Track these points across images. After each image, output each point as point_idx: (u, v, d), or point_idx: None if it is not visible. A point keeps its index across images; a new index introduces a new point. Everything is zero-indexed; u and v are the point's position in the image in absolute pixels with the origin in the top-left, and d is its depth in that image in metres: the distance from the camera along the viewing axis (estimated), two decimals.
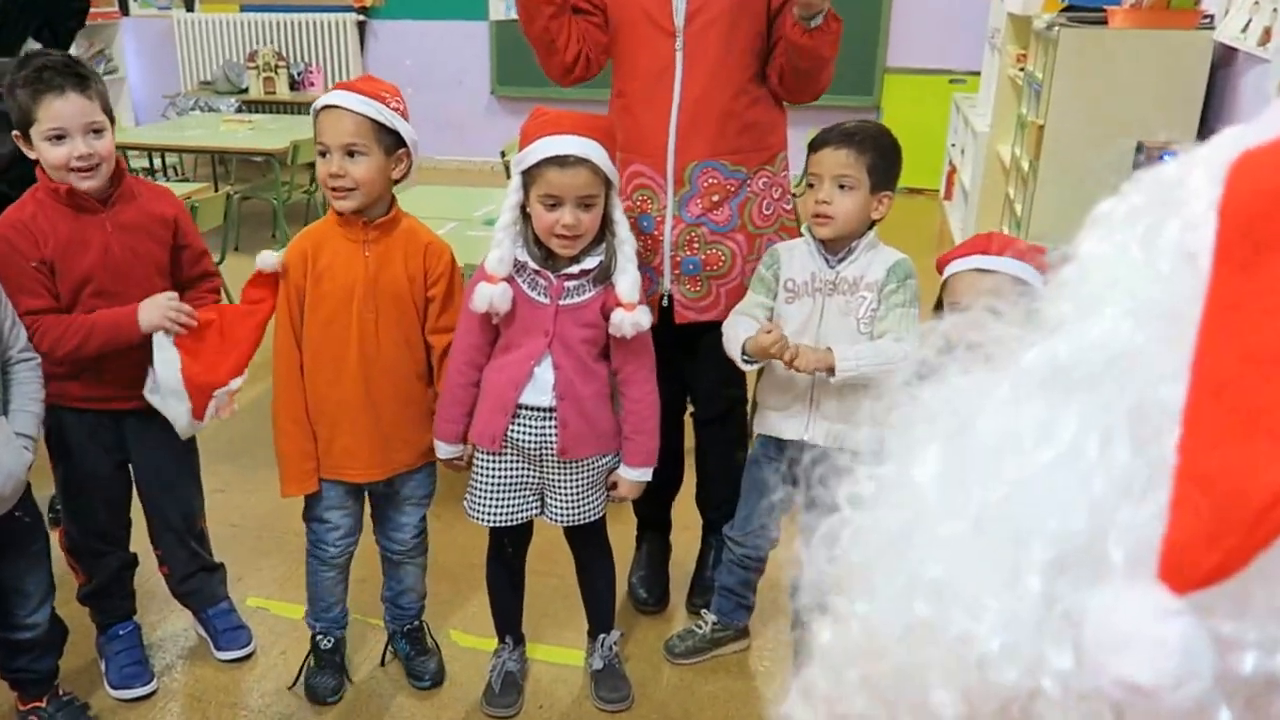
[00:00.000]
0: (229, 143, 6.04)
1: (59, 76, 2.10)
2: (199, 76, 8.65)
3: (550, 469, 2.26)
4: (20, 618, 2.20)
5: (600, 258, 2.15)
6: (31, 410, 2.08)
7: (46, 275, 2.19)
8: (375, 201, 2.21)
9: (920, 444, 0.50)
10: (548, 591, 2.82)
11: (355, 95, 2.14)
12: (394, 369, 2.29)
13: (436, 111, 8.38)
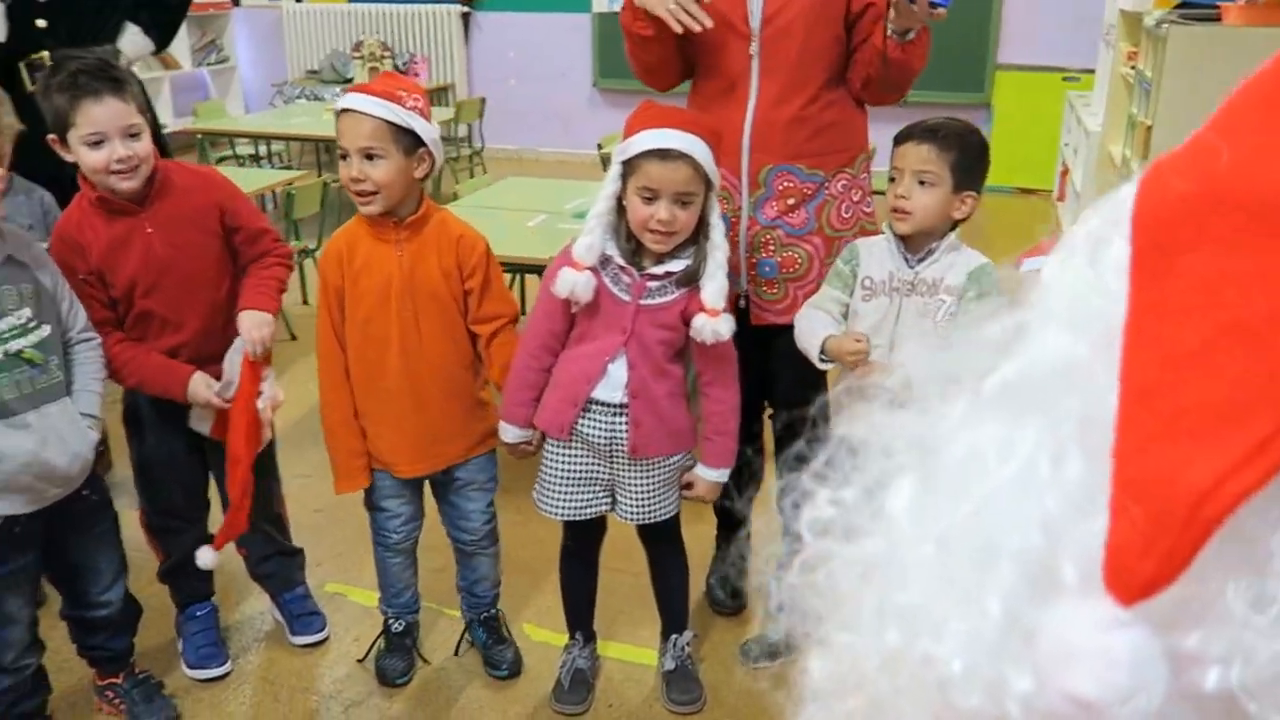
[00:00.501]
0: (331, 131, 6.13)
1: (95, 81, 2.08)
2: (306, 66, 8.84)
3: (620, 466, 2.22)
4: (93, 596, 2.24)
5: (687, 261, 2.10)
6: (94, 390, 2.11)
7: (97, 285, 2.21)
8: (401, 201, 2.19)
9: (895, 473, 0.50)
10: (623, 589, 2.77)
11: (370, 98, 2.11)
12: (438, 363, 2.28)
13: (538, 103, 8.41)
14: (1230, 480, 0.36)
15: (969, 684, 0.43)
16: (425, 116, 2.15)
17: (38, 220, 2.57)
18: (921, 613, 0.46)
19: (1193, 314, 0.38)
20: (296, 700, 2.47)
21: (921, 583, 0.46)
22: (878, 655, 0.48)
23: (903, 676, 0.46)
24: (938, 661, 0.44)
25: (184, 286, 2.26)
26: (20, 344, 1.97)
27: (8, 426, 1.94)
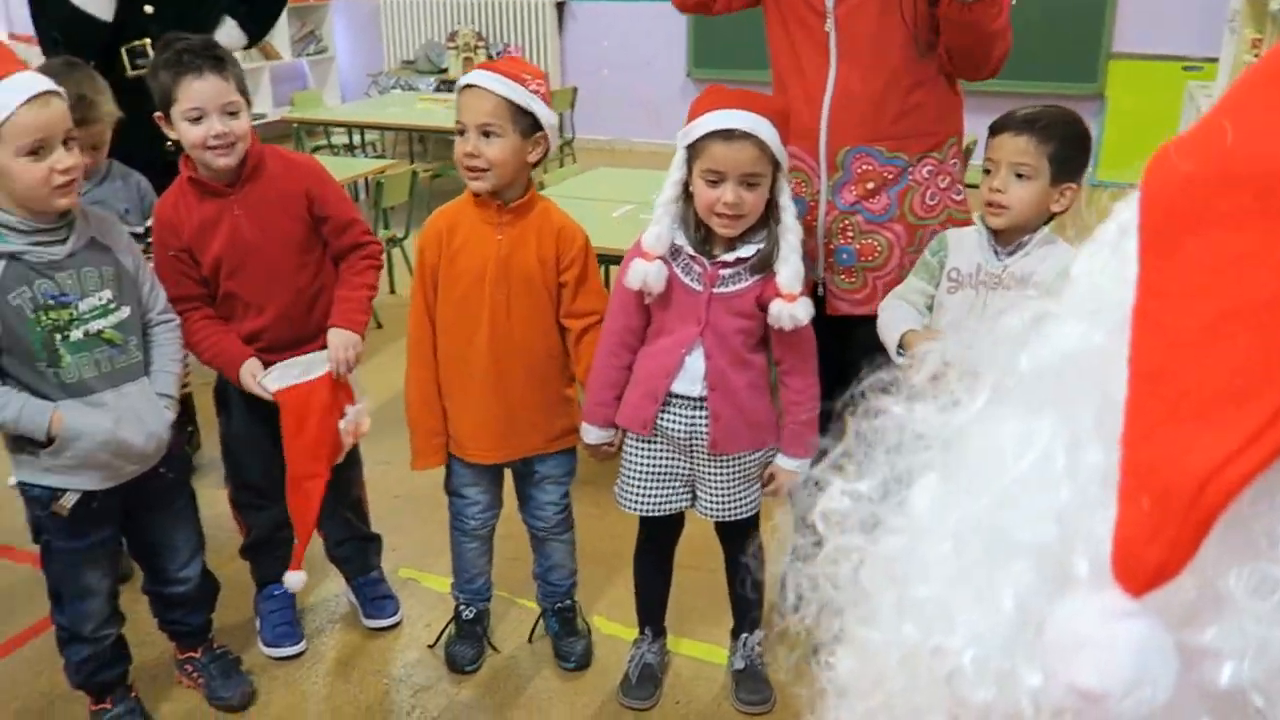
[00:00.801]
0: (423, 121, 6.22)
1: (197, 59, 2.15)
2: (401, 56, 8.96)
3: (701, 461, 2.18)
4: (171, 572, 2.28)
5: (759, 246, 2.05)
6: (171, 371, 2.15)
7: (186, 262, 2.27)
8: (510, 183, 2.19)
9: (918, 467, 0.51)
10: (696, 586, 2.74)
11: (495, 76, 2.12)
12: (525, 351, 2.27)
13: (631, 93, 8.39)
14: (1232, 464, 0.35)
15: (980, 677, 0.43)
16: (546, 101, 2.16)
17: (134, 204, 2.65)
18: (937, 607, 0.46)
19: (1197, 296, 0.38)
20: (367, 682, 2.50)
21: (939, 577, 0.46)
22: (897, 651, 0.48)
23: (920, 672, 0.46)
24: (949, 654, 0.44)
25: (267, 270, 2.29)
26: (101, 324, 2.01)
27: (86, 405, 1.99)
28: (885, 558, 0.51)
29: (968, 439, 0.49)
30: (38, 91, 1.85)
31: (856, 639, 0.52)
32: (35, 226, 1.93)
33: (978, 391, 0.50)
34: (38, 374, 1.96)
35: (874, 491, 0.53)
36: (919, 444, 0.52)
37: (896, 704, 0.48)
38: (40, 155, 1.86)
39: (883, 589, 0.50)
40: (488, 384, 2.27)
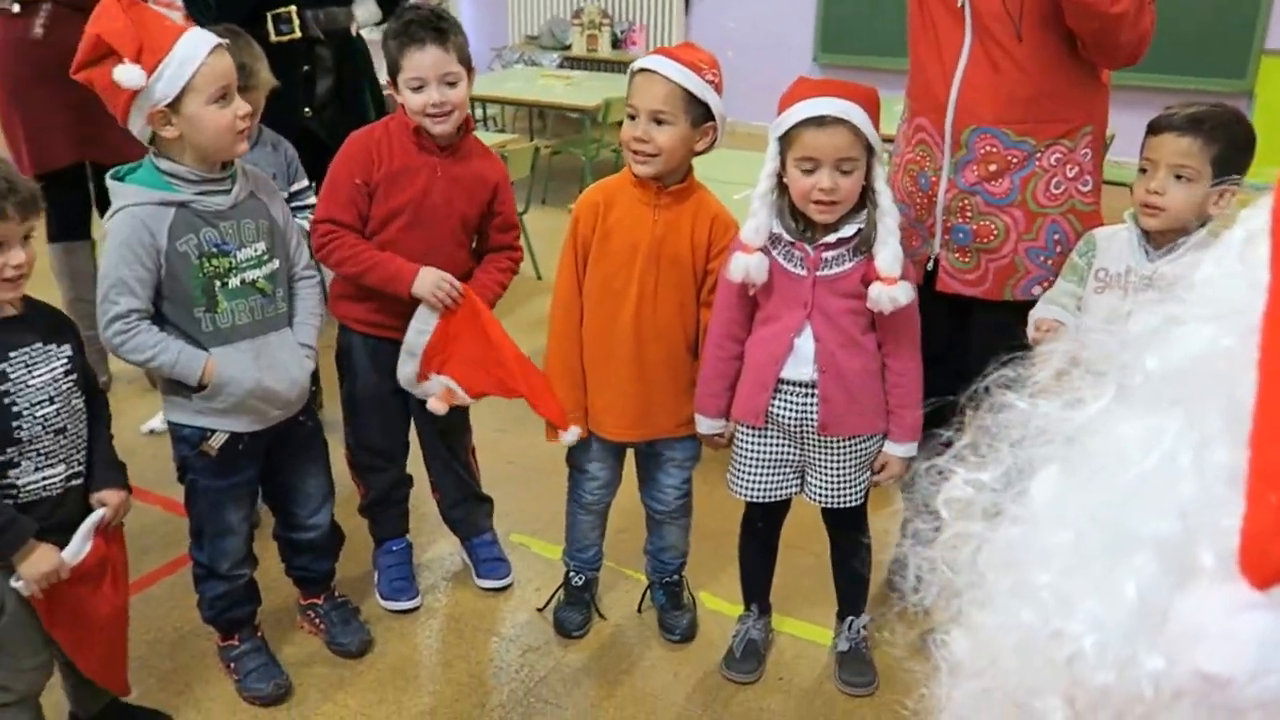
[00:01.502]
0: (545, 97, 6.29)
1: (422, 30, 2.26)
2: (525, 31, 9.06)
3: (811, 446, 2.19)
4: (302, 518, 2.39)
5: (860, 225, 2.05)
6: (312, 324, 2.25)
7: (363, 196, 2.35)
8: (674, 169, 2.21)
9: (1040, 461, 0.52)
10: (802, 567, 2.75)
11: (672, 62, 2.14)
12: (666, 334, 2.29)
13: (755, 76, 8.30)
14: None
15: (1100, 661, 0.45)
16: (719, 92, 2.17)
17: (281, 170, 2.76)
18: (1056, 593, 0.47)
19: None
20: (478, 639, 2.57)
21: (1058, 566, 0.48)
22: (1013, 635, 0.49)
23: (1035, 656, 0.48)
24: (1069, 638, 0.46)
25: (434, 236, 2.37)
26: (255, 274, 2.12)
27: (236, 351, 2.09)
28: (1004, 545, 0.52)
29: (1090, 435, 0.50)
30: (216, 43, 1.98)
31: (972, 622, 0.53)
32: (203, 177, 2.04)
33: (1102, 390, 0.51)
34: (193, 319, 2.06)
35: (996, 481, 0.55)
36: (1041, 438, 0.53)
37: (1009, 685, 0.50)
38: (224, 102, 1.97)
39: (1000, 575, 0.52)
40: (627, 364, 2.30)
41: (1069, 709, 0.47)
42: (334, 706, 2.34)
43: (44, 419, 1.81)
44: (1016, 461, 0.54)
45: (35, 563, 1.79)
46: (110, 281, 1.99)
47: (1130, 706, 0.44)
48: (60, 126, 3.40)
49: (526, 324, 3.77)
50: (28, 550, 1.79)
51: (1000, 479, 0.55)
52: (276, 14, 3.13)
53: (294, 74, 3.10)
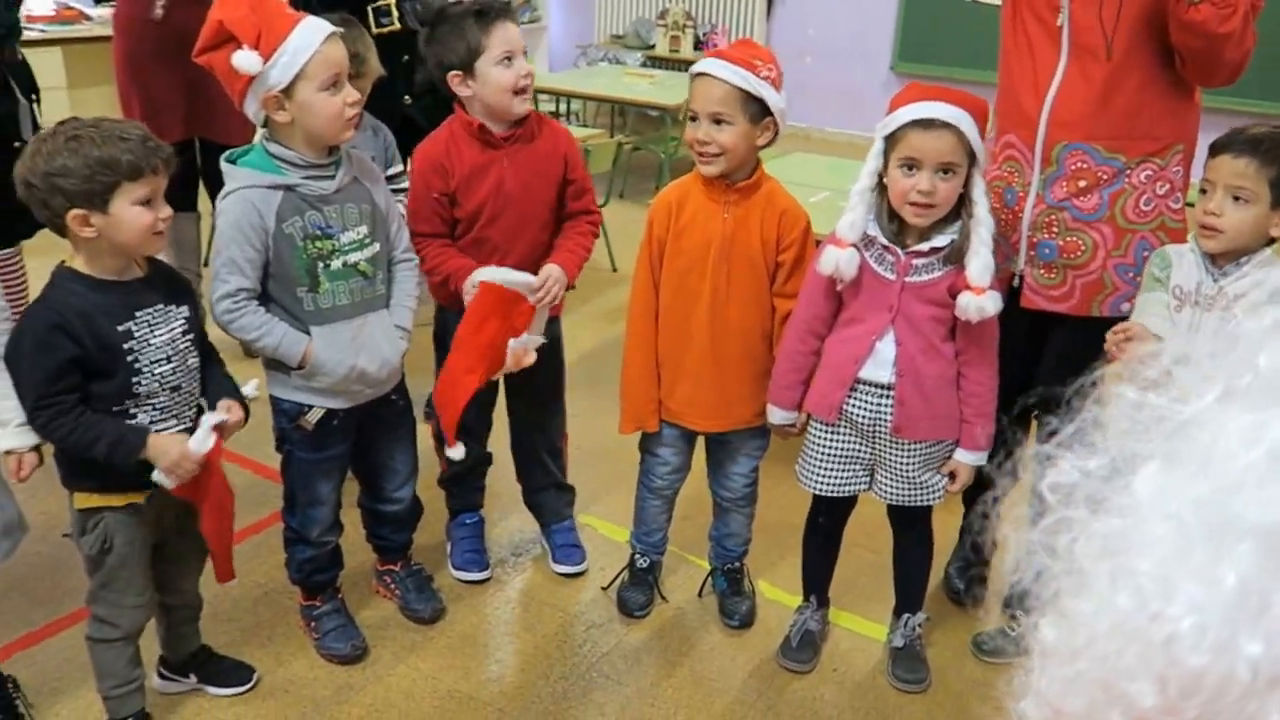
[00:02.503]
0: (627, 94, 6.39)
1: (495, 7, 2.36)
2: (611, 30, 9.16)
3: (883, 446, 2.25)
4: (388, 492, 2.51)
5: (953, 237, 2.10)
6: (408, 305, 2.35)
7: (444, 206, 2.45)
8: (740, 166, 2.28)
9: (1144, 456, 0.53)
10: (862, 564, 2.80)
11: (726, 64, 2.21)
12: (741, 327, 2.36)
13: (832, 82, 8.35)
14: None
15: (1197, 642, 0.45)
16: (776, 87, 2.23)
17: (380, 154, 2.89)
18: (1156, 579, 0.48)
19: None
20: (544, 613, 2.68)
21: (1159, 554, 0.48)
22: (1108, 619, 0.49)
23: (1131, 639, 0.48)
24: (1167, 620, 0.46)
25: (520, 221, 2.46)
26: (356, 257, 2.22)
27: (334, 330, 2.20)
28: (1104, 535, 0.53)
29: (1196, 429, 0.50)
30: (331, 32, 2.08)
31: (1066, 608, 0.54)
32: (310, 162, 2.15)
33: (1209, 388, 0.52)
34: (296, 298, 2.17)
35: (1101, 470, 0.55)
36: (1146, 432, 0.54)
37: (1101, 669, 0.50)
38: (335, 90, 2.08)
39: (1098, 562, 0.52)
40: (704, 357, 2.37)
41: (1161, 693, 0.47)
42: (406, 669, 2.46)
43: (161, 376, 1.93)
44: (1121, 453, 0.54)
45: (164, 450, 1.89)
46: (221, 260, 2.11)
47: (1224, 690, 0.44)
48: (173, 103, 3.59)
49: (601, 315, 3.86)
50: (152, 446, 1.88)
51: (1105, 468, 0.55)
52: (376, 7, 3.27)
53: (395, 63, 3.23)
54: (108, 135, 1.78)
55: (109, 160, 1.77)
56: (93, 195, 1.78)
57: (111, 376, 1.88)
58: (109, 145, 1.77)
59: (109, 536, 1.96)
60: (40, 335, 1.83)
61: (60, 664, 2.37)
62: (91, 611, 2.05)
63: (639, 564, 2.70)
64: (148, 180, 1.82)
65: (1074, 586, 0.53)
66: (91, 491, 1.93)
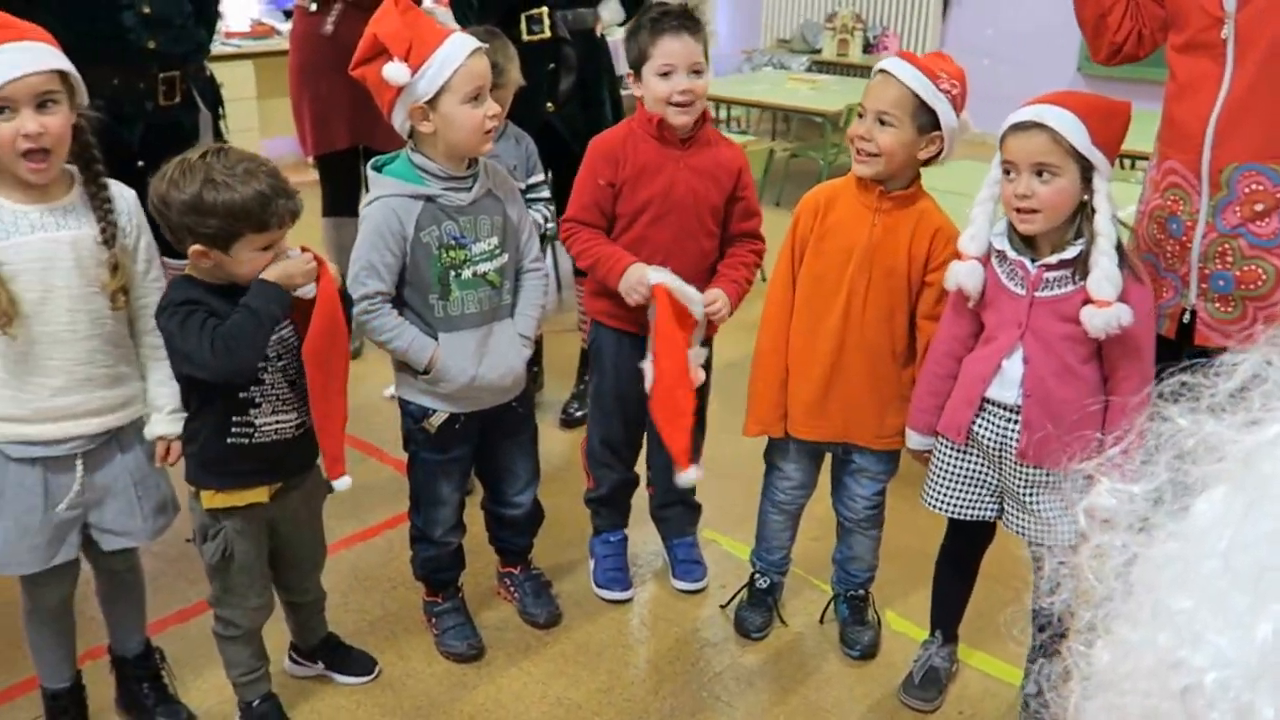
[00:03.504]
0: (787, 100, 6.30)
1: (676, 20, 2.37)
2: (777, 34, 9.08)
3: (1010, 473, 2.14)
4: (509, 496, 2.54)
5: (1084, 246, 1.97)
6: (532, 315, 2.38)
7: (607, 197, 2.46)
8: (896, 174, 2.21)
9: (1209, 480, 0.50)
10: (1000, 601, 2.67)
11: (908, 65, 2.16)
12: (871, 341, 2.29)
13: (1012, 85, 7.98)
14: None
15: (1216, 699, 0.43)
16: (956, 106, 2.17)
17: (521, 163, 2.94)
18: (1190, 621, 0.45)
19: None
20: (659, 627, 2.66)
21: (1199, 593, 0.46)
22: (1149, 656, 0.48)
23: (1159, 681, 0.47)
24: (1189, 670, 0.44)
25: (682, 227, 2.46)
26: (487, 267, 2.27)
27: (460, 338, 2.25)
28: (1157, 562, 0.51)
29: (1262, 460, 0.48)
30: (476, 47, 2.14)
31: (1118, 635, 0.52)
32: (449, 174, 2.22)
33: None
34: (428, 305, 2.24)
35: (1147, 495, 0.53)
36: (1211, 455, 0.51)
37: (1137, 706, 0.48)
38: (477, 103, 2.13)
39: (1147, 592, 0.50)
40: (828, 365, 2.31)
41: None
42: (518, 672, 2.48)
43: (283, 369, 2.00)
44: (1177, 477, 0.52)
45: (275, 270, 1.89)
46: (361, 264, 2.19)
47: None
48: (341, 114, 3.78)
49: (744, 326, 3.80)
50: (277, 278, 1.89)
51: (1152, 493, 0.53)
52: (529, 14, 3.31)
53: (540, 71, 3.28)
54: (243, 180, 1.81)
55: (240, 211, 1.81)
56: (217, 239, 1.84)
57: None
58: (242, 191, 1.80)
59: (229, 545, 2.05)
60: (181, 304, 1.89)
61: (205, 641, 2.47)
62: (215, 613, 2.15)
63: (759, 584, 2.65)
64: (270, 234, 1.86)
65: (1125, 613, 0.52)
66: (216, 490, 2.01)
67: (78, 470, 1.95)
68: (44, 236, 1.85)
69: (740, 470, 3.14)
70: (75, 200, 1.90)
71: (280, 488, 2.06)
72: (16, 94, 1.74)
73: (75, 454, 1.95)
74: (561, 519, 2.89)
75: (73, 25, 2.42)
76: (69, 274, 1.86)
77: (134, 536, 2.07)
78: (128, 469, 2.02)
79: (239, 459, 1.98)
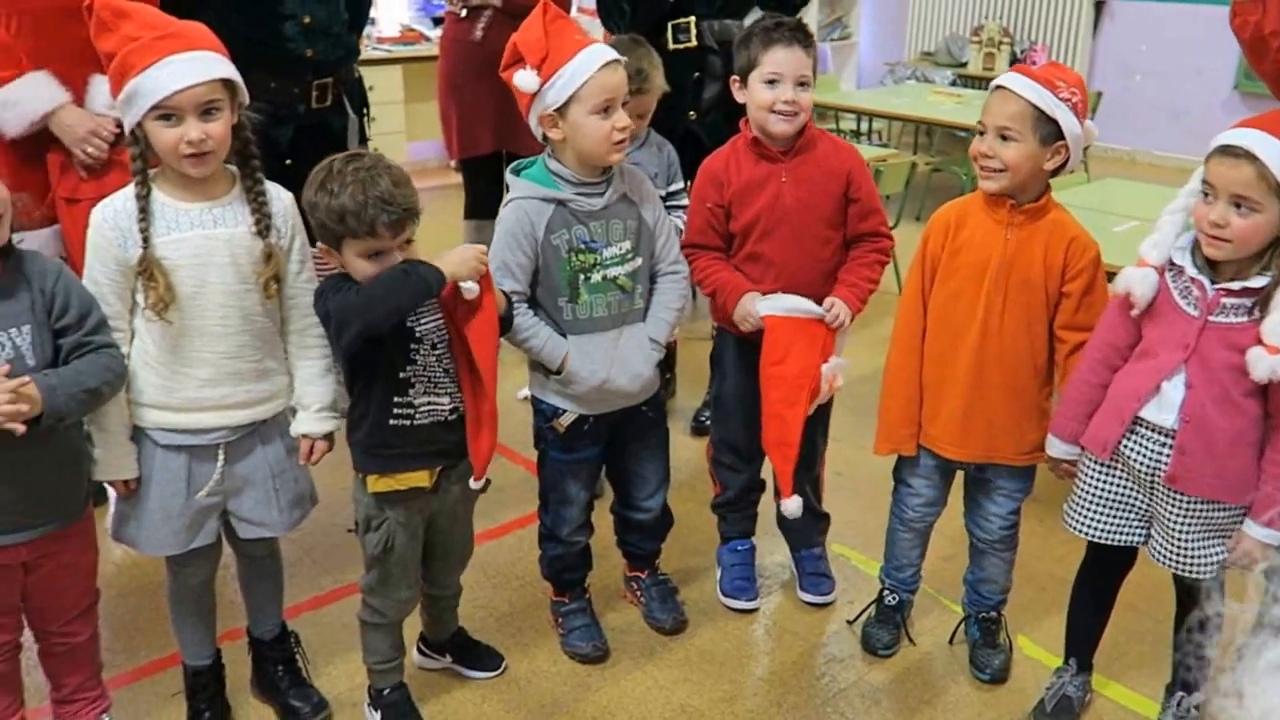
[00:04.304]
0: (930, 114, 6.19)
1: (788, 31, 2.37)
2: (921, 47, 8.94)
3: (1160, 498, 2.05)
4: (637, 500, 2.56)
5: (1268, 280, 1.87)
6: (664, 319, 2.39)
7: (718, 218, 2.47)
8: (1024, 187, 2.17)
9: None
10: (1138, 631, 2.57)
11: (1025, 79, 2.13)
12: (1010, 356, 2.24)
13: (1165, 101, 7.75)
14: None
15: None
16: (1077, 113, 2.13)
17: (662, 171, 2.97)
18: None
19: None
20: (785, 639, 2.64)
21: None
22: None
23: None
24: None
25: (796, 237, 2.44)
26: (617, 271, 2.30)
27: (590, 341, 2.28)
28: None
29: None
30: (609, 59, 2.17)
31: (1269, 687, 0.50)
32: (582, 179, 2.26)
33: None
34: (557, 307, 2.28)
35: None
36: None
37: None
38: (606, 114, 2.16)
39: None
40: (968, 383, 2.27)
41: None
42: (642, 676, 2.49)
43: (437, 357, 2.06)
44: None
45: (451, 260, 1.97)
46: (496, 264, 2.23)
47: None
48: (486, 119, 3.90)
49: (878, 340, 3.75)
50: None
51: None
52: (676, 24, 3.35)
53: (685, 79, 3.30)
54: (350, 187, 1.88)
55: (336, 216, 1.89)
56: (326, 238, 1.94)
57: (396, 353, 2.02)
58: (341, 198, 1.88)
59: (391, 537, 2.12)
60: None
61: (339, 629, 2.58)
62: (365, 599, 2.22)
63: (887, 600, 2.60)
64: (366, 242, 1.92)
65: None
66: (380, 474, 2.08)
67: (219, 460, 2.04)
68: (202, 233, 1.95)
69: (871, 486, 3.10)
70: (234, 198, 1.99)
71: (440, 476, 2.12)
72: (182, 104, 1.84)
73: (218, 444, 2.04)
74: (690, 526, 2.89)
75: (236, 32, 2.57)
76: (223, 270, 1.96)
77: (269, 527, 2.14)
78: (267, 461, 2.10)
79: (401, 441, 2.05)
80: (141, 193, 1.91)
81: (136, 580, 2.78)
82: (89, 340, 1.87)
